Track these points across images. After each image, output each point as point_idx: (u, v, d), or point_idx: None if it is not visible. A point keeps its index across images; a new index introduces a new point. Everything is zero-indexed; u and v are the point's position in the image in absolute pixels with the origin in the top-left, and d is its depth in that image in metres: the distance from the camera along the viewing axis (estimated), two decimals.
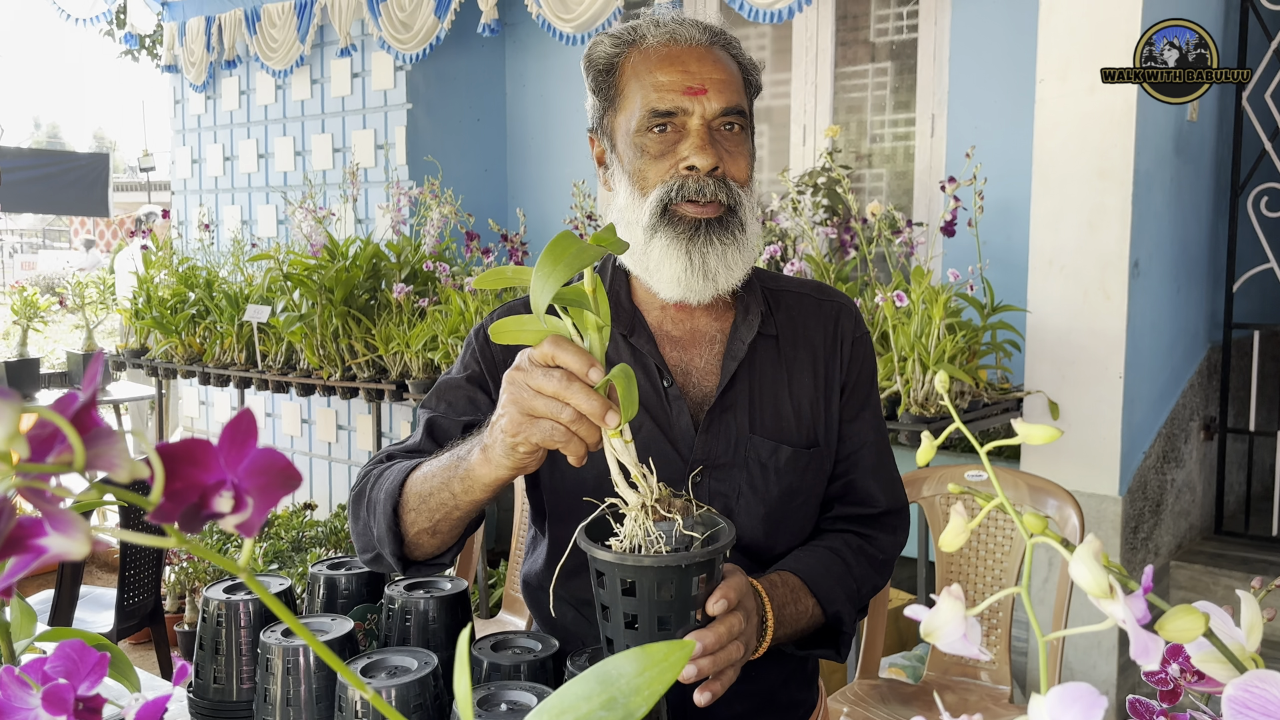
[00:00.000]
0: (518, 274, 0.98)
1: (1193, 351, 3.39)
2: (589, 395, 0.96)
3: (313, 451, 4.96)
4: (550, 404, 0.97)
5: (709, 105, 1.25)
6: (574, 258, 0.90)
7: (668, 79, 1.26)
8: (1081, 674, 2.96)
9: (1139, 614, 0.46)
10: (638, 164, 1.28)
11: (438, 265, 3.65)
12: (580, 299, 0.96)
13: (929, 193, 3.71)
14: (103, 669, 0.68)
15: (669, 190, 1.26)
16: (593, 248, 0.92)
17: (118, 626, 2.80)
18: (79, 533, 0.38)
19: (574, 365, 0.96)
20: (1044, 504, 2.11)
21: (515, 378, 1.01)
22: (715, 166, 1.25)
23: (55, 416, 0.38)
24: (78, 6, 5.17)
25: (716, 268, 1.26)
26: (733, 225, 1.27)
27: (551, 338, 0.97)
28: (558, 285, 0.90)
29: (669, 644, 0.54)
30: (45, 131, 64.31)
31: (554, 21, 3.80)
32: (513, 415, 1.00)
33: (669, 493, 1.00)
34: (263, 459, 0.42)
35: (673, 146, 1.27)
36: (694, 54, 1.28)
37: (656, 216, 1.26)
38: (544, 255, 0.90)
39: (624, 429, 0.97)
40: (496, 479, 1.08)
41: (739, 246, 1.27)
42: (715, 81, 1.26)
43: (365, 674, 1.10)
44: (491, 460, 1.07)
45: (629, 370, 0.96)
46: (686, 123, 1.26)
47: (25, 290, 5.29)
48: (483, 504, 1.14)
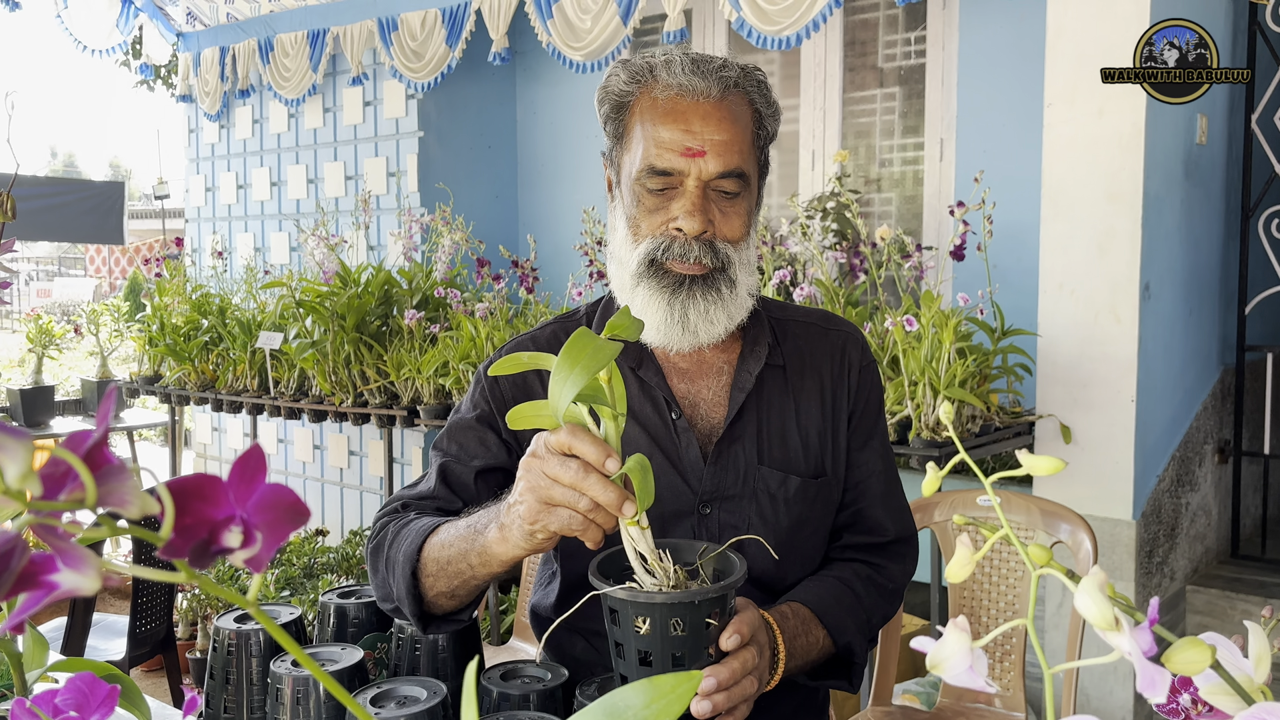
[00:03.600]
0: (534, 360, 0.99)
1: (1206, 374, 3.37)
2: (606, 486, 0.96)
3: (324, 478, 4.97)
4: (568, 493, 0.98)
5: (706, 167, 1.26)
6: (590, 359, 0.91)
7: (669, 136, 1.26)
8: (1098, 700, 2.93)
9: (1145, 646, 0.46)
10: (634, 211, 1.30)
11: (449, 292, 3.67)
12: (597, 394, 0.96)
13: (938, 217, 3.71)
14: (113, 702, 0.69)
15: (657, 246, 1.27)
16: (608, 345, 0.93)
17: (130, 654, 2.80)
18: (91, 569, 0.39)
19: (591, 456, 0.97)
20: (1057, 529, 2.09)
21: (532, 465, 1.01)
22: (704, 231, 1.26)
23: (68, 455, 0.39)
24: (94, 38, 5.23)
25: (697, 322, 1.27)
26: (719, 283, 1.28)
27: (568, 427, 0.98)
28: (576, 389, 0.91)
29: (676, 676, 0.54)
30: (61, 160, 64.97)
31: (564, 50, 3.83)
32: (530, 504, 1.01)
33: (684, 576, 1.01)
34: (271, 494, 0.42)
35: (667, 204, 1.28)
36: (699, 111, 1.26)
37: (643, 267, 1.28)
38: (561, 357, 0.91)
39: (641, 518, 0.98)
40: (513, 558, 1.10)
41: (722, 303, 1.28)
42: (716, 144, 1.26)
43: (375, 704, 1.10)
44: (509, 541, 1.08)
45: (645, 461, 0.97)
46: (683, 182, 1.27)
47: (41, 318, 5.33)
48: (500, 576, 1.15)
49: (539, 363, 0.97)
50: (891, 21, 3.86)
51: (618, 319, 0.97)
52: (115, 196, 10.00)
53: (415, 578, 1.20)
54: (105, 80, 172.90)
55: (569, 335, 0.94)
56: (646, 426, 1.32)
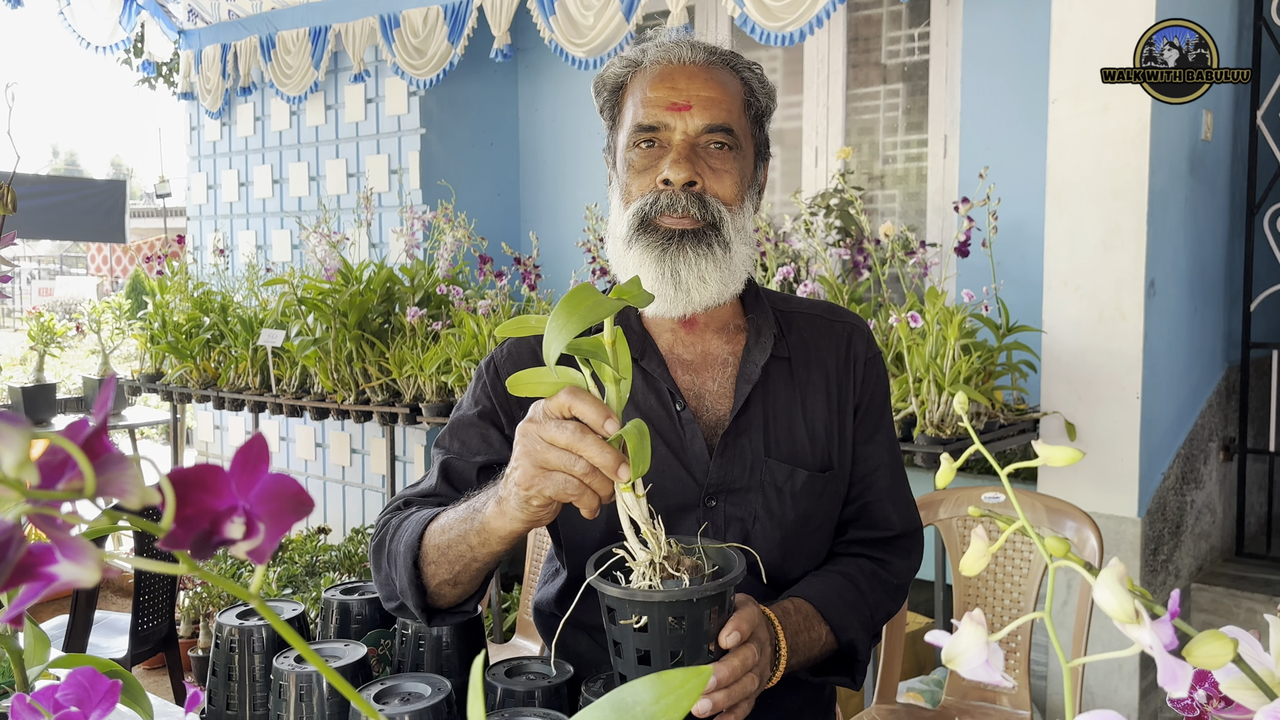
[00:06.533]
0: (541, 322, 0.97)
1: (1210, 371, 3.36)
2: (602, 448, 0.95)
3: (326, 475, 4.96)
4: (563, 456, 0.96)
5: (691, 121, 1.26)
6: (589, 310, 0.89)
7: (655, 95, 1.27)
8: (1103, 698, 2.92)
9: (1166, 640, 0.45)
10: (625, 178, 1.30)
11: (451, 289, 3.66)
12: (597, 350, 0.94)
13: (942, 213, 3.70)
14: (114, 697, 0.68)
15: (646, 203, 1.26)
16: (610, 301, 0.91)
17: (132, 651, 2.79)
18: (90, 560, 0.38)
19: (590, 417, 0.95)
20: (1062, 526, 2.08)
21: (529, 430, 1.00)
22: (692, 182, 1.25)
23: (66, 443, 0.38)
24: (97, 34, 5.23)
25: (688, 278, 1.25)
26: (711, 239, 1.26)
27: (569, 388, 0.96)
28: (570, 337, 0.89)
29: (685, 671, 0.53)
30: (63, 159, 65.02)
31: (566, 46, 3.82)
32: (525, 468, 1.00)
33: (679, 549, 1.00)
34: (274, 485, 0.41)
35: (655, 162, 1.28)
36: (685, 72, 1.28)
37: (634, 229, 1.27)
38: (559, 307, 0.90)
39: (636, 484, 0.97)
40: (512, 531, 1.08)
41: (715, 261, 1.26)
42: (702, 99, 1.26)
43: (378, 700, 1.09)
44: (506, 513, 1.06)
45: (642, 426, 0.95)
46: (670, 138, 1.27)
47: (42, 316, 5.33)
48: (501, 555, 1.13)
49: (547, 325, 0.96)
50: (895, 18, 3.84)
51: (626, 285, 0.96)
52: (117, 195, 9.98)
53: (417, 567, 1.19)
54: (107, 79, 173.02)
55: None
56: (650, 418, 1.30)
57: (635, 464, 0.94)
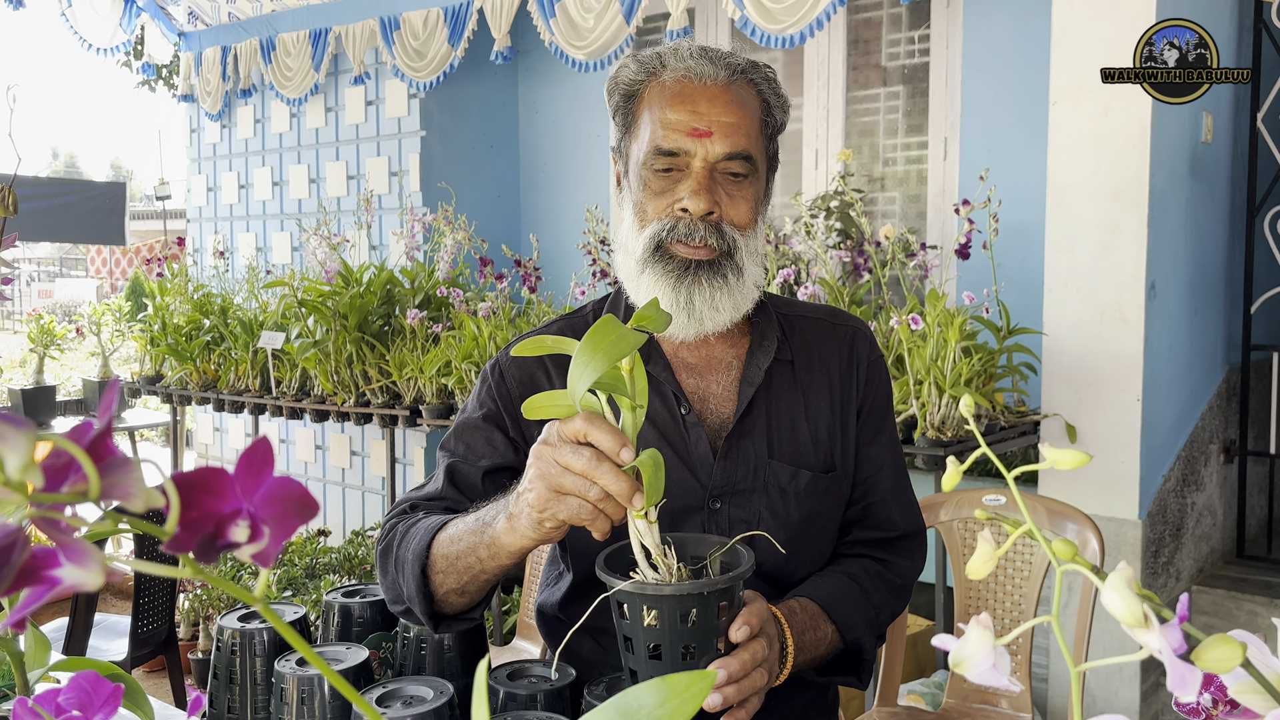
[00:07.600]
0: (558, 343, 0.98)
1: (1211, 374, 3.36)
2: (617, 476, 0.95)
3: (326, 478, 4.96)
4: (578, 482, 0.97)
5: (712, 149, 1.25)
6: (613, 346, 0.90)
7: (676, 117, 1.26)
8: (1104, 701, 2.92)
9: (1175, 644, 0.45)
10: (640, 196, 1.29)
11: (451, 291, 3.66)
12: (617, 384, 0.95)
13: (942, 215, 3.70)
14: (116, 701, 0.67)
15: (662, 229, 1.27)
16: (632, 335, 0.92)
17: (132, 654, 2.79)
18: (94, 563, 0.38)
19: (605, 445, 0.96)
20: (1063, 528, 2.08)
21: (544, 452, 1.00)
22: (710, 212, 1.25)
23: (71, 445, 0.38)
24: (98, 36, 5.23)
25: (702, 309, 1.26)
26: (725, 269, 1.27)
27: (586, 414, 0.97)
28: (597, 375, 0.89)
29: (690, 674, 0.53)
30: (63, 161, 65.05)
31: (566, 49, 3.82)
32: (540, 491, 1.00)
33: (689, 573, 1.00)
34: (279, 487, 0.41)
35: (673, 186, 1.27)
36: (706, 94, 1.27)
37: (649, 252, 1.27)
38: (584, 343, 0.90)
39: (649, 511, 0.97)
40: (522, 548, 1.08)
41: (729, 290, 1.27)
42: (723, 125, 1.26)
43: (380, 704, 1.09)
44: (517, 530, 1.06)
45: (658, 457, 0.95)
46: (689, 163, 1.26)
47: (42, 318, 5.33)
48: (509, 569, 1.14)
49: (562, 347, 0.96)
50: (895, 20, 3.85)
51: (645, 310, 0.96)
52: (117, 197, 9.98)
53: (425, 575, 1.19)
54: (107, 81, 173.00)
55: (575, 332, 0.93)
56: (655, 421, 1.31)
57: (649, 494, 0.95)
